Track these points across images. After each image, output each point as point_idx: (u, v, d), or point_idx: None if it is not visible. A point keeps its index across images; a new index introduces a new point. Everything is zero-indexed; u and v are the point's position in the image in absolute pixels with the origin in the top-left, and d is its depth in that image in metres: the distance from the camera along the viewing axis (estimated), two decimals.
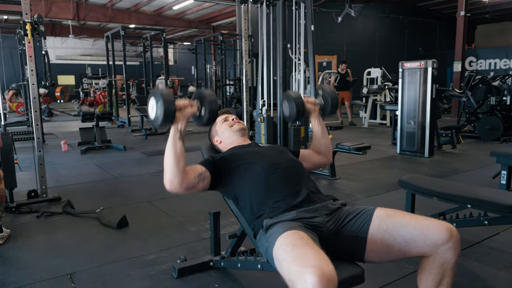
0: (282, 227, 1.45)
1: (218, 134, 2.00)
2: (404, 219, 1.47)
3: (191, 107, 1.65)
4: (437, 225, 1.41)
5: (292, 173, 1.72)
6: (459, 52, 10.59)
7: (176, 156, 1.60)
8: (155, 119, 1.59)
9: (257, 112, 4.90)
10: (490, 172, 4.34)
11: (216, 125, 2.02)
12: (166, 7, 15.77)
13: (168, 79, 11.74)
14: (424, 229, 1.42)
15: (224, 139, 1.98)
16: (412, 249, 1.43)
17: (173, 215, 3.32)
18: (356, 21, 15.18)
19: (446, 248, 1.38)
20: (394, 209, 1.57)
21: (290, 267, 1.25)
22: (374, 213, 1.53)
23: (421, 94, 5.51)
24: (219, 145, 2.00)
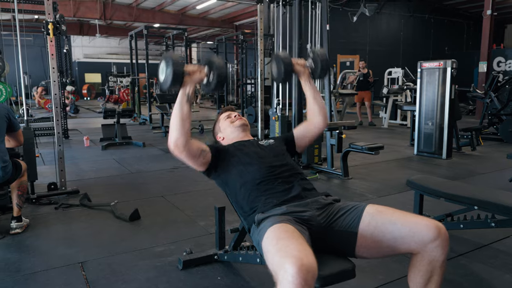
0: (272, 221, 1.49)
1: (221, 131, 2.07)
2: (394, 216, 1.50)
3: (199, 73, 1.70)
4: (426, 223, 1.43)
5: (287, 175, 1.76)
6: (484, 52, 10.32)
7: (182, 117, 1.66)
8: (164, 82, 1.66)
9: (272, 111, 4.95)
10: (509, 175, 4.24)
11: (220, 122, 2.09)
12: (190, 6, 15.98)
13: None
14: (412, 226, 1.43)
15: (227, 135, 2.04)
16: (401, 246, 1.46)
17: (184, 210, 3.41)
18: (380, 20, 14.98)
19: (434, 246, 1.40)
20: (386, 206, 1.59)
21: (273, 258, 1.30)
22: (365, 210, 1.56)
23: (440, 95, 5.42)
24: (222, 142, 2.06)
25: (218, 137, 2.09)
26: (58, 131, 3.72)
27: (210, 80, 1.72)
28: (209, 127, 8.52)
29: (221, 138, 2.07)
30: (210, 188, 4.06)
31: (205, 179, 4.44)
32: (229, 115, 2.07)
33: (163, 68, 1.66)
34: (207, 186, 4.15)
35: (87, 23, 19.01)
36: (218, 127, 2.09)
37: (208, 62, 1.73)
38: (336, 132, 4.39)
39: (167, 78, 1.64)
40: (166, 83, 1.65)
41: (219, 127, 2.08)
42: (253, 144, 1.94)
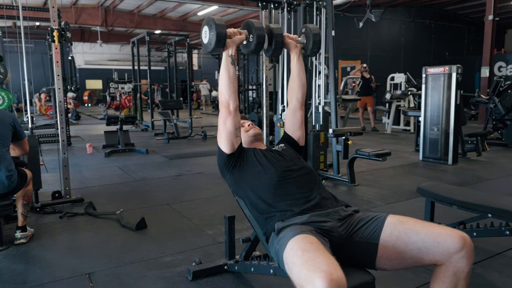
0: (293, 231, 1.45)
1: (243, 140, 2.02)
2: (417, 226, 1.46)
3: (240, 34, 1.79)
4: (450, 233, 1.39)
5: (305, 179, 1.73)
6: (486, 57, 10.31)
7: (230, 78, 1.75)
8: (208, 44, 1.75)
9: (277, 117, 4.92)
10: None
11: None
12: (191, 13, 16.04)
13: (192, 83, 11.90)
14: (437, 236, 1.40)
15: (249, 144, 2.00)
16: (425, 257, 1.41)
17: (191, 218, 3.36)
18: (381, 26, 15.00)
19: (459, 256, 1.36)
20: (407, 216, 1.55)
21: (300, 271, 1.25)
22: (386, 220, 1.52)
23: (445, 100, 5.39)
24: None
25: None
26: (63, 138, 3.68)
27: (250, 40, 1.81)
28: (212, 133, 8.51)
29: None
30: (216, 196, 4.02)
31: (211, 187, 4.44)
32: (242, 123, 2.03)
33: (206, 31, 1.74)
34: (213, 193, 4.12)
35: (89, 29, 19.05)
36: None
37: (247, 24, 1.83)
38: (342, 139, 4.35)
39: (210, 40, 1.72)
40: (210, 46, 1.73)
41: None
42: (268, 150, 1.92)
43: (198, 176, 4.99)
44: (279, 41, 1.92)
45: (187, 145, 7.52)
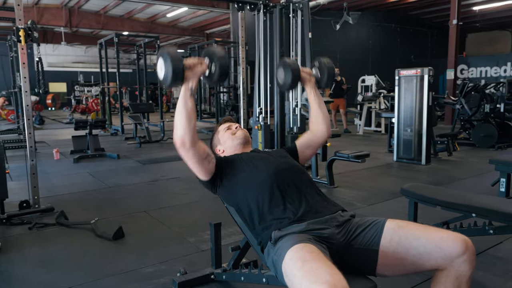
0: (291, 240, 1.39)
1: (221, 143, 1.94)
2: (418, 231, 1.43)
3: (200, 65, 1.59)
4: (452, 237, 1.37)
5: (297, 180, 1.67)
6: (451, 59, 10.67)
7: (187, 113, 1.55)
8: (164, 79, 1.56)
9: (254, 120, 4.86)
10: (487, 180, 4.33)
11: (219, 133, 1.97)
12: (160, 14, 15.76)
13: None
14: (439, 241, 1.37)
15: (227, 148, 1.91)
16: (426, 262, 1.39)
17: (170, 226, 3.23)
18: (349, 29, 15.26)
19: (461, 261, 1.34)
20: (405, 220, 1.52)
21: (300, 283, 1.20)
22: (385, 225, 1.48)
23: (418, 102, 5.50)
24: (222, 155, 1.93)
25: (217, 150, 1.95)
26: (31, 144, 3.46)
27: (213, 71, 1.63)
28: None
29: (220, 151, 1.94)
30: (195, 201, 3.91)
31: (189, 192, 4.32)
32: (229, 126, 1.96)
33: (161, 65, 1.56)
34: (191, 199, 4.00)
35: (52, 30, 18.34)
36: (218, 139, 1.96)
37: (208, 52, 1.64)
38: None
39: (166, 75, 1.53)
40: (167, 81, 1.54)
41: (218, 139, 1.96)
42: (254, 151, 1.86)
43: (174, 181, 4.85)
44: (296, 76, 1.86)
45: (160, 149, 7.33)
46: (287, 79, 1.86)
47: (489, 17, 16.47)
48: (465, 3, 13.11)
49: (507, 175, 3.85)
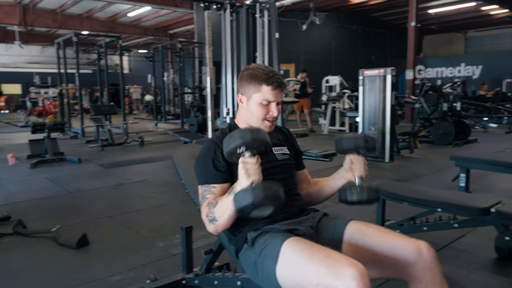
0: (278, 236, 1.35)
1: (246, 107, 1.55)
2: (374, 237, 1.38)
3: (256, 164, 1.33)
4: (406, 244, 1.32)
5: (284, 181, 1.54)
6: (410, 60, 11.06)
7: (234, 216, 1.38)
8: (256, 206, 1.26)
9: (222, 121, 4.81)
10: (447, 175, 4.50)
11: (252, 96, 1.51)
12: (121, 13, 15.34)
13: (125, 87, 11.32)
14: (393, 249, 1.32)
15: (248, 122, 1.56)
16: (384, 270, 1.36)
17: (138, 231, 3.13)
18: (313, 31, 15.49)
19: (419, 269, 1.29)
20: (367, 223, 1.49)
21: (318, 269, 1.17)
22: (346, 227, 1.46)
23: (381, 101, 5.65)
24: (238, 116, 1.63)
25: (238, 97, 1.58)
26: None
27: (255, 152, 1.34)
28: (149, 139, 8.16)
29: (240, 102, 1.58)
30: (163, 204, 3.81)
31: (156, 195, 4.21)
32: (269, 103, 1.50)
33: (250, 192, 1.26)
34: (159, 202, 3.90)
35: (4, 29, 17.42)
36: (248, 94, 1.52)
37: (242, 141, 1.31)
38: None
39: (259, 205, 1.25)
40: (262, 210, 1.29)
41: (246, 99, 1.53)
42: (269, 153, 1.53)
43: (140, 184, 4.71)
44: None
45: (124, 152, 7.11)
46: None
47: (444, 20, 17.22)
48: (422, 6, 13.62)
49: (466, 171, 4.01)
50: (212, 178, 1.47)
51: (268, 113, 1.51)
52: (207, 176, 1.48)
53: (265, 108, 1.50)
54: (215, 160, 1.48)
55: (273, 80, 1.48)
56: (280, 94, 1.51)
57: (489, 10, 15.71)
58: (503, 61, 15.82)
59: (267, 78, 1.48)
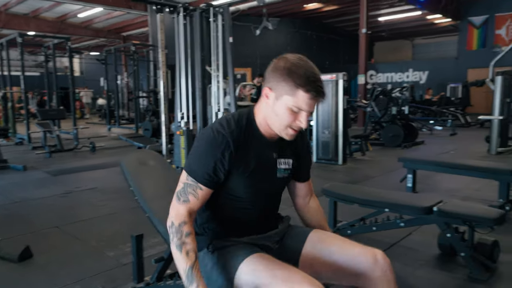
0: (242, 251, 1.32)
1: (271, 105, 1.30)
2: (332, 246, 1.40)
3: None
4: (363, 253, 1.35)
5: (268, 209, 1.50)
6: (362, 65, 11.46)
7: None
8: None
9: (176, 125, 4.74)
10: (397, 176, 4.69)
11: (283, 97, 1.27)
12: (71, 14, 14.73)
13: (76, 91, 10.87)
14: (350, 258, 1.35)
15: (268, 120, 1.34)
16: (341, 279, 1.39)
17: (87, 241, 3.00)
18: (268, 35, 15.66)
19: (375, 276, 1.31)
20: (328, 232, 1.51)
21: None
22: (308, 236, 1.46)
23: (334, 105, 5.80)
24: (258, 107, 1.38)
25: (264, 92, 1.32)
26: None
27: None
28: (101, 145, 7.88)
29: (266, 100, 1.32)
30: (114, 212, 3.69)
31: (107, 202, 4.07)
32: (300, 110, 1.27)
33: None
34: (110, 210, 3.77)
35: None
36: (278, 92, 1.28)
37: None
38: None
39: None
40: None
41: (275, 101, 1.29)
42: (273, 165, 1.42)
43: (91, 192, 4.53)
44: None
45: (74, 159, 6.82)
46: None
47: (393, 28, 18.04)
48: (372, 14, 14.19)
49: (413, 172, 4.21)
50: (205, 179, 1.30)
51: (295, 121, 1.29)
52: (201, 173, 1.29)
53: (294, 115, 1.28)
54: (218, 162, 1.29)
55: (313, 87, 1.24)
56: (316, 103, 1.28)
57: (434, 19, 16.64)
58: (447, 67, 16.82)
59: (307, 82, 1.24)
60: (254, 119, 1.37)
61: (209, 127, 1.36)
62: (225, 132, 1.30)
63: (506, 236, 2.96)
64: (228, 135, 1.29)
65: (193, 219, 1.33)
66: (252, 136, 1.35)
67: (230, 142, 1.29)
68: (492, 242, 2.50)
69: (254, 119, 1.37)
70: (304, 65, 1.27)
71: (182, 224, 1.28)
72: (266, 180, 1.40)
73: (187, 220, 1.29)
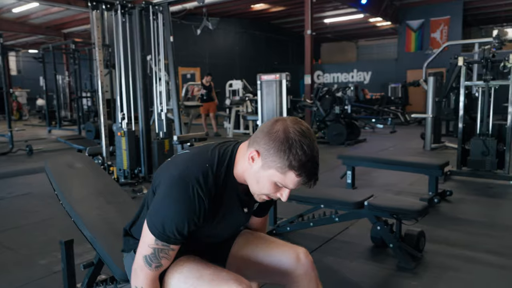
0: None
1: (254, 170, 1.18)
2: (258, 247, 1.43)
3: None
4: (287, 251, 1.39)
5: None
6: (308, 66, 11.74)
7: None
8: None
9: (117, 126, 4.60)
10: (339, 173, 4.87)
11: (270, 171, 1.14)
12: (4, 9, 13.79)
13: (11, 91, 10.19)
14: (274, 258, 1.39)
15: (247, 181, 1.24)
16: (266, 278, 1.45)
17: (17, 249, 2.84)
18: (217, 35, 15.63)
19: (297, 274, 1.36)
20: (255, 232, 1.53)
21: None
22: (236, 238, 1.48)
23: (278, 105, 5.92)
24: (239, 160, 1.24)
25: (250, 155, 1.18)
26: None
27: None
28: (39, 147, 7.48)
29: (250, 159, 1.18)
30: (49, 218, 3.52)
31: (42, 209, 3.88)
32: (282, 190, 1.20)
33: None
34: (44, 216, 3.59)
35: None
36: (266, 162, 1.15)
37: None
38: (188, 145, 4.33)
39: None
40: None
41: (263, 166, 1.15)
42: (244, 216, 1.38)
43: (24, 198, 4.29)
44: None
45: (8, 163, 6.41)
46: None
47: (338, 29, 18.66)
48: (317, 15, 14.60)
49: (352, 168, 4.39)
50: (177, 240, 1.19)
51: (276, 193, 1.20)
52: (173, 236, 1.18)
53: (276, 188, 1.18)
54: (192, 223, 1.17)
55: (307, 174, 1.14)
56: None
57: (375, 22, 17.42)
58: (388, 68, 17.68)
59: (302, 167, 1.12)
60: (232, 170, 1.24)
61: (180, 178, 1.16)
62: (203, 192, 1.16)
63: (434, 227, 3.18)
64: (206, 196, 1.16)
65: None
66: (227, 190, 1.24)
67: (207, 202, 1.17)
68: (418, 233, 2.67)
69: (232, 169, 1.24)
70: (305, 147, 1.11)
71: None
72: (234, 226, 1.42)
73: (157, 286, 1.26)
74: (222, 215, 1.26)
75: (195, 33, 9.27)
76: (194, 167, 1.19)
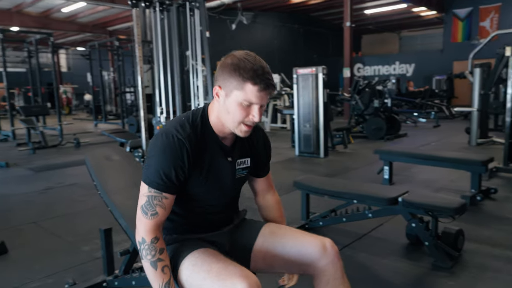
0: (188, 246, 1.36)
1: (222, 103, 1.29)
2: (284, 238, 1.45)
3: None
4: (313, 242, 1.41)
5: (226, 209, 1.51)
6: (347, 59, 11.53)
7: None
8: None
9: (156, 120, 4.76)
10: (376, 168, 4.78)
11: (232, 93, 1.26)
12: (54, 9, 14.53)
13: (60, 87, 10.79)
14: (300, 247, 1.41)
15: (220, 118, 1.33)
16: (292, 268, 1.45)
17: (63, 236, 3.03)
18: (254, 29, 15.66)
19: (323, 264, 1.38)
20: (279, 224, 1.55)
21: (213, 283, 1.21)
22: (261, 230, 1.51)
23: (314, 99, 5.86)
24: (211, 107, 1.36)
25: (215, 91, 1.31)
26: None
27: None
28: (86, 140, 7.86)
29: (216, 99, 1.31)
30: (93, 208, 3.71)
31: (86, 198, 4.09)
32: (251, 104, 1.26)
33: None
34: (89, 206, 3.79)
35: None
36: (227, 89, 1.27)
37: None
38: None
39: None
40: None
41: (227, 94, 1.27)
42: (230, 167, 1.42)
43: (71, 188, 4.54)
44: None
45: (58, 155, 6.80)
46: None
47: (380, 20, 18.10)
48: (358, 7, 14.22)
49: (389, 164, 4.29)
50: (168, 187, 1.28)
51: (248, 116, 1.28)
52: (162, 182, 1.27)
53: (246, 110, 1.27)
54: (179, 168, 1.27)
55: (261, 79, 1.23)
56: (267, 96, 1.27)
57: (419, 11, 16.72)
58: (433, 60, 16.94)
59: (254, 76, 1.23)
60: (208, 119, 1.35)
61: (161, 132, 1.31)
62: (182, 136, 1.27)
63: (476, 225, 3.06)
64: (186, 139, 1.27)
65: (162, 230, 1.33)
66: (207, 138, 1.34)
67: (188, 146, 1.27)
68: (456, 231, 2.58)
69: (208, 119, 1.35)
70: (250, 60, 1.26)
71: (155, 240, 1.27)
72: (223, 180, 1.41)
73: (159, 236, 1.29)
74: (208, 164, 1.34)
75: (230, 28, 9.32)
76: (172, 122, 1.36)
